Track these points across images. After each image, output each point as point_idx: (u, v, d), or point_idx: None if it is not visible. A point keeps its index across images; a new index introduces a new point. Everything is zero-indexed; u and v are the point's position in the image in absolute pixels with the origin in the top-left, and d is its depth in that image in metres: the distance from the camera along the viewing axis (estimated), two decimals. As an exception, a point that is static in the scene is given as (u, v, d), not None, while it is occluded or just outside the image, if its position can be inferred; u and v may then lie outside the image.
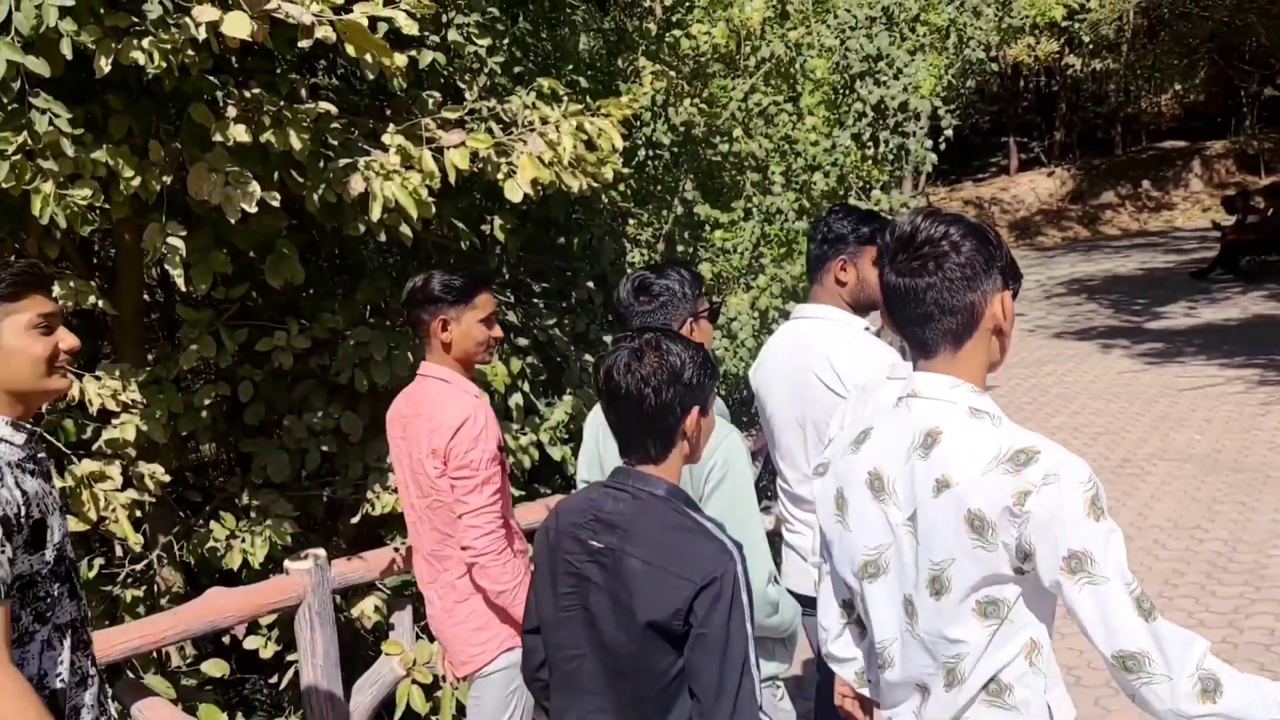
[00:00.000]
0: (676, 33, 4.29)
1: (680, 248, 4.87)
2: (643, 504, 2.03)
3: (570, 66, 4.22)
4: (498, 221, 4.47)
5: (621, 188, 4.53)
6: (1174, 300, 15.14)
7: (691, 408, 2.05)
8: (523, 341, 4.62)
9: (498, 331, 3.07)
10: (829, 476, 2.03)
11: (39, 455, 2.12)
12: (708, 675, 1.94)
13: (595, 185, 4.00)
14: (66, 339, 2.11)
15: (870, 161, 5.10)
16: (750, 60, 4.62)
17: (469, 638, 3.03)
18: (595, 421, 2.93)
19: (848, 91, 4.85)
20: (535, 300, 4.89)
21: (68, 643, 2.10)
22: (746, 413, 5.67)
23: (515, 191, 3.69)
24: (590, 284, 4.83)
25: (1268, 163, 25.90)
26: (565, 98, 3.78)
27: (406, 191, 3.37)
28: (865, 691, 2.13)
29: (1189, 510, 6.75)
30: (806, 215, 5.26)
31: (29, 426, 2.10)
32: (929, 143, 5.08)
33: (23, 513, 1.98)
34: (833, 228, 3.02)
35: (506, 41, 3.99)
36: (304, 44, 2.92)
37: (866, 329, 3.11)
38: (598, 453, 2.88)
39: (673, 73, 4.19)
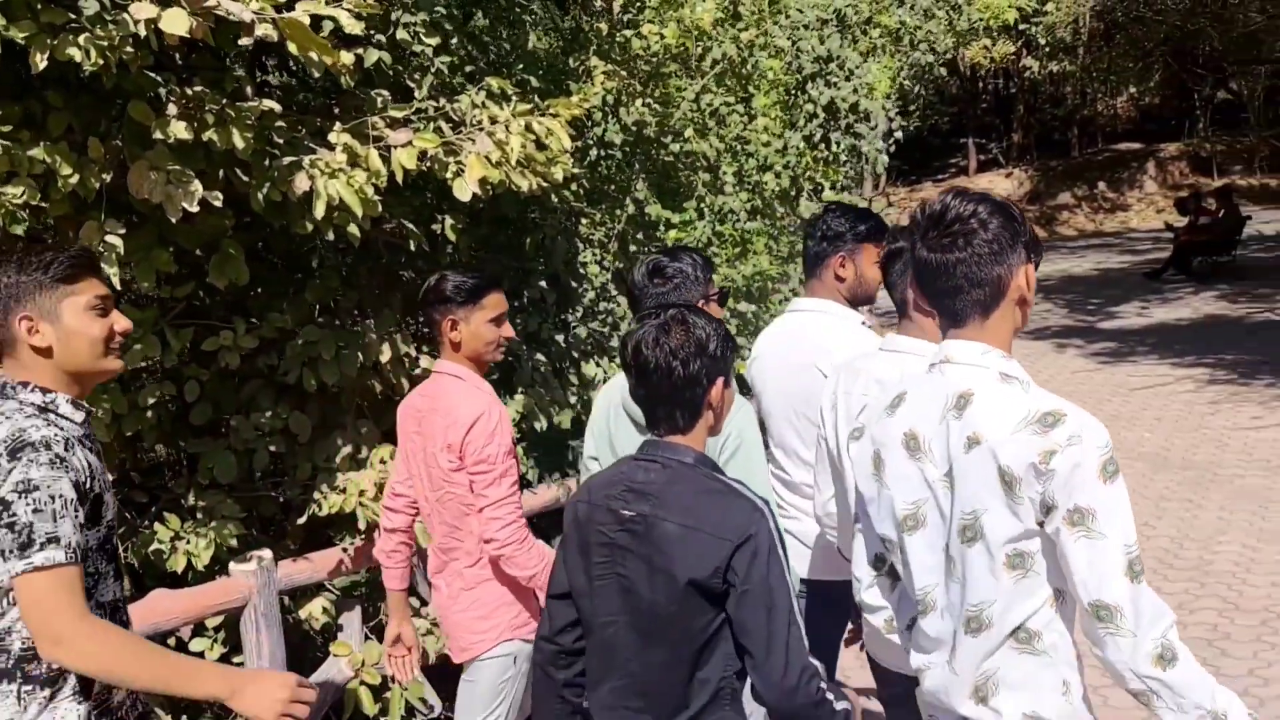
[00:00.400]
0: (627, 33, 4.30)
1: (634, 248, 4.88)
2: (673, 472, 2.13)
3: (521, 66, 4.21)
4: (449, 221, 4.45)
5: (574, 187, 4.52)
6: (1127, 300, 15.35)
7: (716, 379, 2.17)
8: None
9: (508, 331, 3.16)
10: (864, 440, 2.17)
11: (92, 434, 2.22)
12: (756, 629, 2.03)
13: (545, 185, 4.00)
14: (121, 321, 2.22)
15: (822, 163, 5.13)
16: (703, 61, 4.63)
17: (472, 625, 3.13)
18: (605, 401, 3.08)
19: (800, 92, 4.89)
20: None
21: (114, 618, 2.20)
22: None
23: (464, 191, 3.68)
24: (543, 283, 4.82)
25: (1220, 165, 26.31)
26: (514, 97, 3.77)
27: (351, 190, 3.35)
28: (894, 638, 2.24)
29: (1138, 507, 6.85)
30: (760, 215, 5.28)
31: (86, 405, 2.21)
32: (880, 144, 5.13)
33: (87, 484, 2.09)
34: (831, 225, 3.14)
35: (455, 41, 3.97)
36: (245, 41, 2.90)
37: (862, 323, 3.20)
38: (607, 430, 3.02)
39: (624, 72, 4.19)
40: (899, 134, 5.19)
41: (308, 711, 2.13)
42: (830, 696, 2.10)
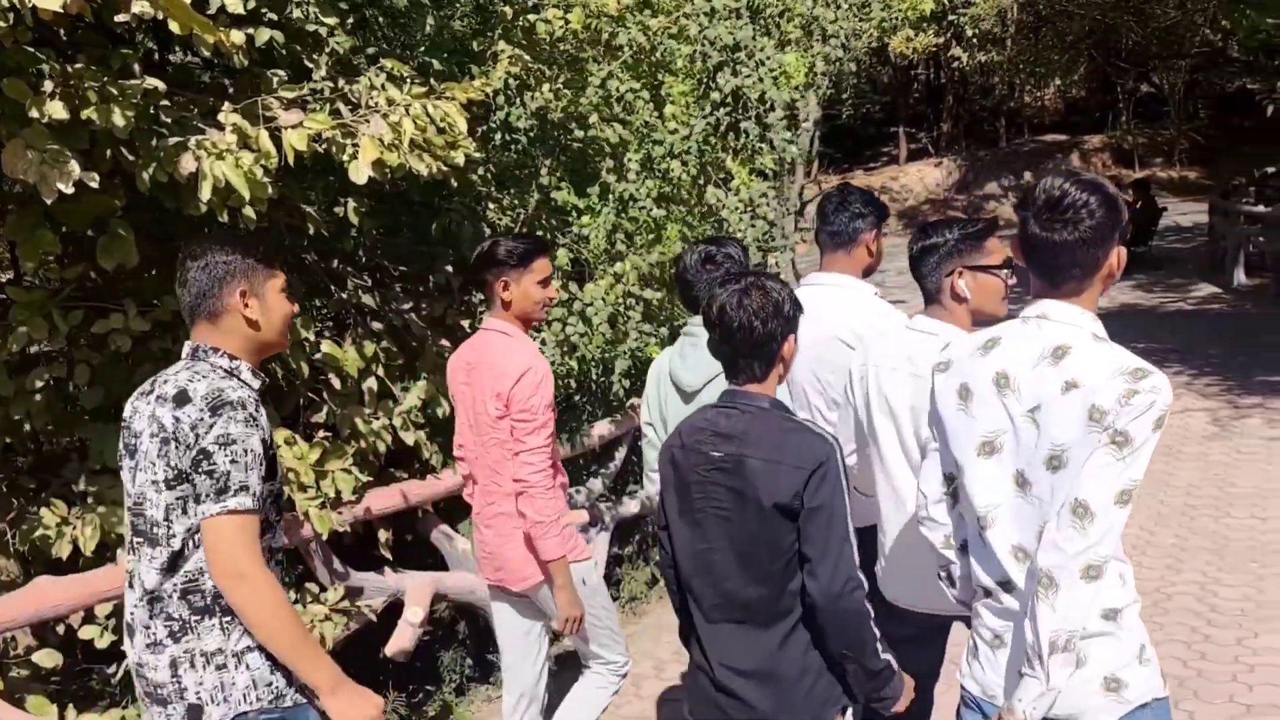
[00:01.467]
0: (532, 17, 4.27)
1: (542, 233, 4.87)
2: (753, 416, 2.51)
3: (423, 49, 4.17)
4: (351, 204, 4.41)
5: (481, 172, 4.50)
6: (1047, 289, 15.62)
7: (788, 335, 2.54)
8: (377, 326, 4.58)
9: (552, 292, 3.54)
10: (951, 374, 2.46)
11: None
12: (816, 539, 2.42)
13: (446, 169, 3.97)
14: (294, 306, 2.60)
15: (731, 152, 5.15)
16: (608, 48, 4.63)
17: (526, 558, 3.48)
18: (656, 372, 3.46)
19: (709, 81, 4.90)
20: (394, 284, 4.84)
21: (276, 569, 2.48)
22: (600, 400, 5.72)
23: (359, 173, 3.65)
24: (449, 268, 4.80)
25: (1141, 157, 26.88)
26: (408, 79, 3.74)
27: (239, 172, 3.30)
28: (949, 554, 2.53)
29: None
30: (669, 203, 5.29)
31: (262, 375, 2.56)
32: (787, 135, 5.16)
33: (269, 444, 2.41)
34: (861, 204, 3.50)
35: (352, 21, 3.93)
36: (122, 18, 2.84)
37: (875, 294, 3.59)
38: (659, 399, 3.42)
39: (527, 57, 4.17)
40: (809, 125, 5.21)
41: None
42: (875, 627, 2.49)
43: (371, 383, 4.54)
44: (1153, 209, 16.90)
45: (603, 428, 5.56)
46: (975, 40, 21.90)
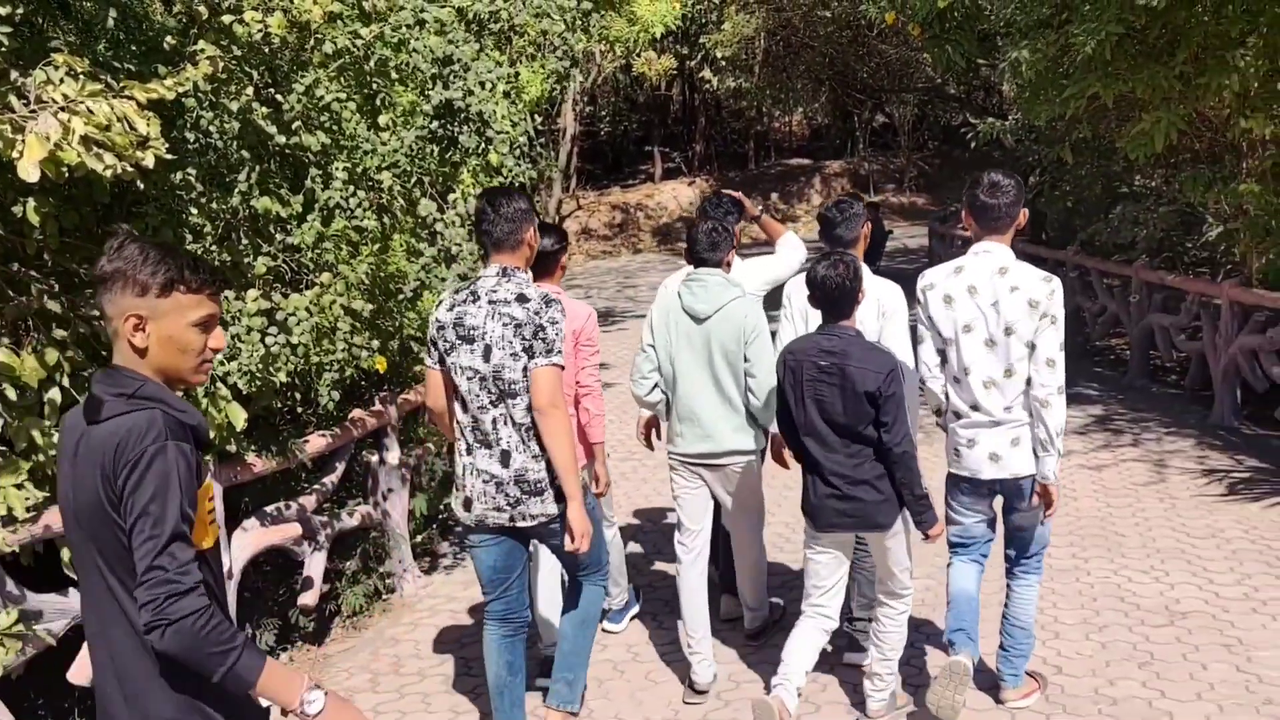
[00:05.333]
0: (227, 18, 4.15)
1: (245, 241, 4.74)
2: (848, 340, 3.91)
3: (103, 45, 3.98)
4: (32, 203, 4.15)
5: (181, 176, 4.33)
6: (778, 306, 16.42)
7: (860, 289, 3.93)
8: (61, 333, 4.33)
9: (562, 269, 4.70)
10: (937, 289, 4.12)
11: None
12: (889, 412, 3.83)
13: (132, 170, 3.82)
14: None
15: (451, 165, 5.17)
16: (315, 54, 4.55)
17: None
18: (664, 305, 4.67)
19: (423, 93, 4.90)
20: (84, 289, 4.59)
21: None
22: (315, 412, 5.55)
23: (27, 171, 3.46)
24: (146, 274, 4.59)
25: (876, 183, 28.69)
26: (82, 76, 3.57)
27: (-122, 167, 3.06)
28: (943, 397, 4.20)
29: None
30: (385, 213, 5.26)
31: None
32: (505, 149, 5.23)
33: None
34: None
35: (22, 11, 3.72)
36: None
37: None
38: (667, 324, 4.61)
39: (223, 59, 4.05)
40: (522, 139, 5.30)
41: None
42: (918, 468, 3.95)
43: (55, 393, 4.28)
44: (880, 230, 18.06)
45: (318, 441, 5.45)
46: (725, 65, 22.79)
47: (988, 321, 3.99)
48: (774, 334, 4.67)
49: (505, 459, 3.72)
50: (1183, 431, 8.58)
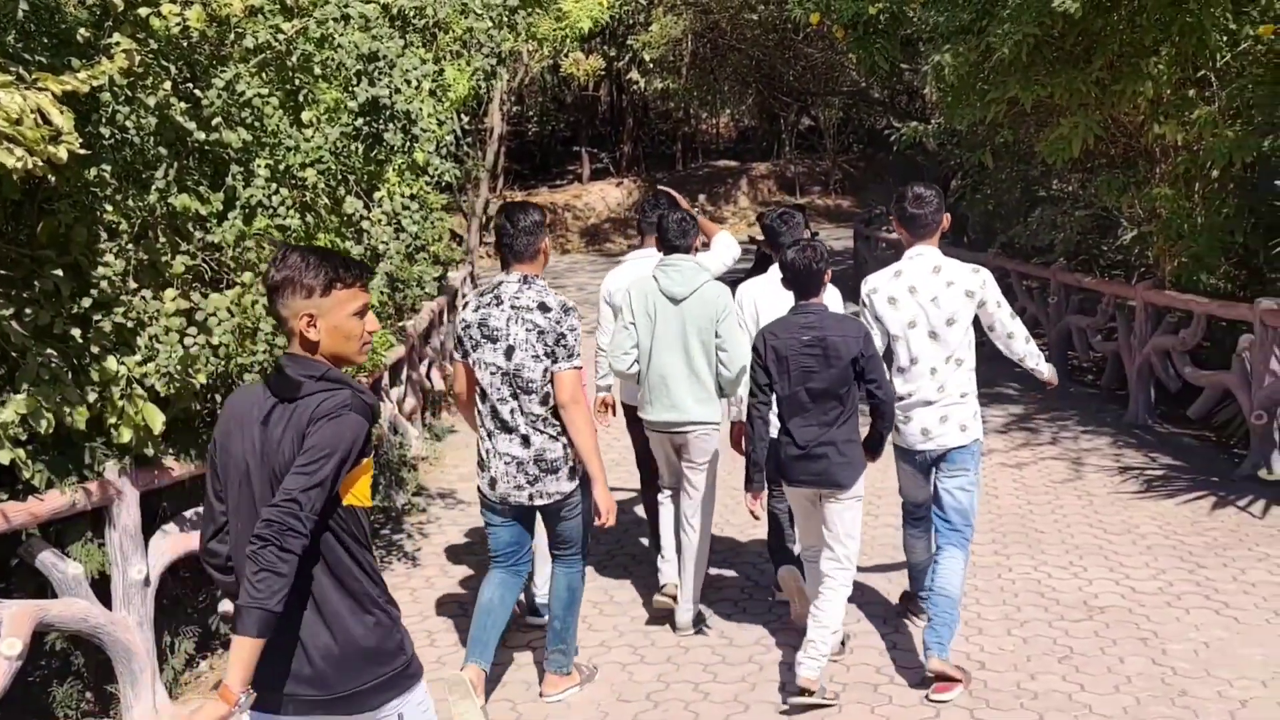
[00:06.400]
0: (145, 11, 4.04)
1: (162, 240, 4.61)
2: (822, 315, 4.40)
3: (13, 36, 3.85)
4: (-64, 200, 4.00)
5: (95, 172, 4.20)
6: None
7: (828, 270, 4.47)
8: (-31, 334, 4.17)
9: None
10: (880, 291, 4.68)
11: None
12: (875, 371, 4.36)
13: (44, 165, 3.69)
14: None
15: (375, 162, 5.09)
16: (235, 49, 4.45)
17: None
18: (640, 289, 5.10)
19: (347, 89, 4.82)
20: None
21: None
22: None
23: (-70, 167, 3.33)
24: (58, 272, 4.44)
25: (802, 185, 28.97)
26: (-11, 69, 3.45)
27: None
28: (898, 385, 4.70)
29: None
30: (309, 212, 5.16)
31: None
32: (430, 148, 5.16)
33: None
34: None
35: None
36: None
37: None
38: (646, 305, 5.06)
39: (139, 51, 3.93)
40: (449, 138, 5.23)
41: None
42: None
43: (-38, 395, 4.13)
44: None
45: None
46: (653, 67, 22.82)
47: (929, 317, 4.57)
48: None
49: (526, 441, 4.30)
50: (1100, 430, 8.78)
